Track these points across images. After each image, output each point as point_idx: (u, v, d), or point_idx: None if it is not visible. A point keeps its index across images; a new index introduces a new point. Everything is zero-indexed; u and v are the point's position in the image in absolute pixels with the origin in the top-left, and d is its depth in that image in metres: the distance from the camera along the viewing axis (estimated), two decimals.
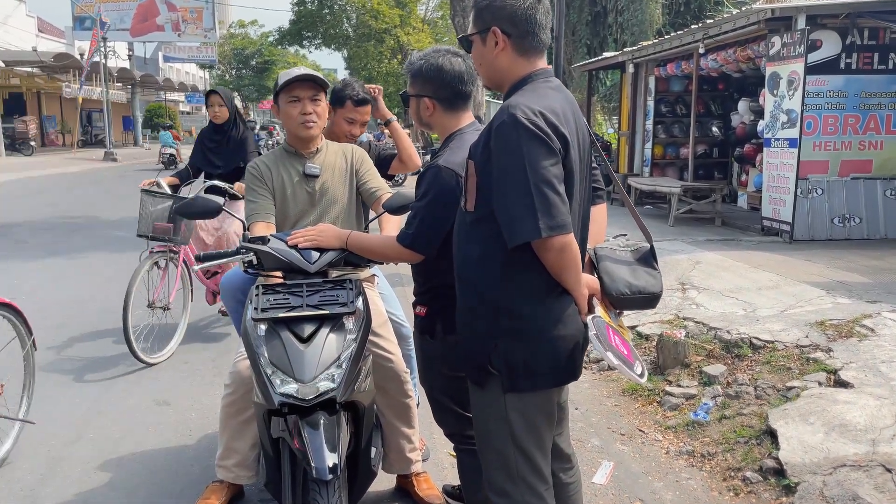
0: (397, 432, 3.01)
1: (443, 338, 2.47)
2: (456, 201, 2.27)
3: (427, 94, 2.44)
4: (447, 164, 2.35)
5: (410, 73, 2.49)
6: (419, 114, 2.50)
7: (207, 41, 42.00)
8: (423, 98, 2.45)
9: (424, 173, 2.41)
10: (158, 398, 4.28)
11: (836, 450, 3.25)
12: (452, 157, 2.37)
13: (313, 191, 2.99)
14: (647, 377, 2.29)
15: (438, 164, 2.36)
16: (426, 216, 2.33)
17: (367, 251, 2.52)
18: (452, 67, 2.42)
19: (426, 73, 2.43)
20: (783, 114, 8.45)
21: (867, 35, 8.17)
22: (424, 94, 2.45)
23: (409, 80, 2.52)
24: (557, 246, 1.89)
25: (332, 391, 2.26)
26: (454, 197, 2.29)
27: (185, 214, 2.60)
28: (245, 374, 2.78)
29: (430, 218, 2.33)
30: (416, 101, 2.49)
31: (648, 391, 4.42)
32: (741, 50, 9.69)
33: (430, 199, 2.33)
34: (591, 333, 1.96)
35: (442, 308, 2.46)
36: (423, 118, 2.50)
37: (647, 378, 4.55)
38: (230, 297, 3.20)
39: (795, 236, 8.37)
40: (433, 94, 2.43)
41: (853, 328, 4.67)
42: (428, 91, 2.44)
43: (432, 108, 2.46)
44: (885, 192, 8.49)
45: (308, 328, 2.33)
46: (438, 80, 2.42)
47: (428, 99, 2.44)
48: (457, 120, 2.49)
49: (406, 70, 2.55)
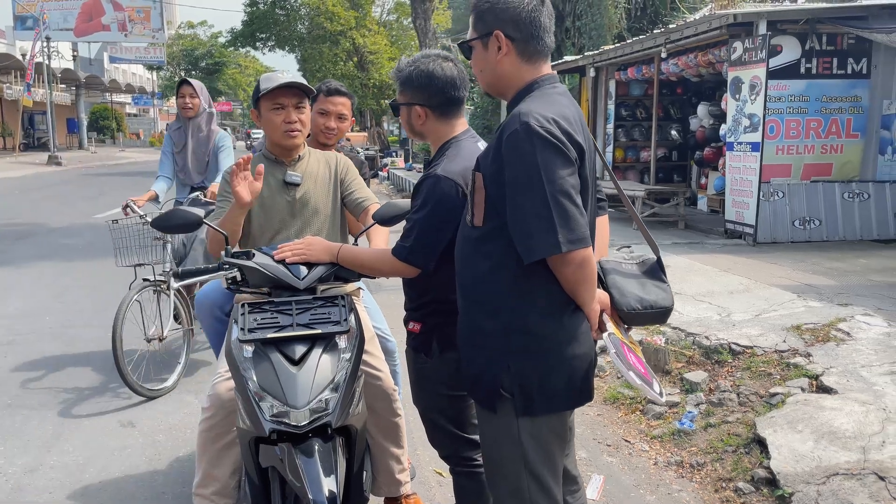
0: (386, 453, 2.87)
1: (439, 356, 2.34)
2: (456, 212, 2.15)
3: (419, 101, 2.33)
4: (446, 173, 2.23)
5: (399, 80, 2.37)
6: (410, 123, 2.38)
7: (155, 42, 41.02)
8: (415, 106, 2.33)
9: (422, 183, 2.28)
10: (123, 420, 4.04)
11: (828, 458, 3.23)
12: (451, 167, 2.25)
13: (293, 200, 2.82)
14: (665, 396, 2.20)
15: (437, 174, 2.23)
16: (425, 228, 2.20)
17: (360, 265, 2.38)
18: (444, 73, 2.31)
19: (417, 79, 2.31)
20: (745, 118, 8.55)
21: (825, 40, 8.32)
22: (416, 102, 2.33)
23: (399, 87, 2.39)
24: (578, 260, 1.78)
25: (327, 416, 2.11)
26: (454, 208, 2.18)
27: (163, 228, 2.42)
28: (225, 397, 2.60)
29: (428, 230, 2.20)
30: (406, 109, 2.37)
31: (630, 399, 4.37)
32: (702, 55, 9.80)
33: (428, 210, 2.21)
34: (612, 352, 1.86)
35: (438, 325, 2.34)
36: (414, 127, 2.38)
37: (629, 386, 4.51)
38: (206, 314, 3.01)
39: (758, 239, 8.48)
40: (425, 101, 2.32)
41: (829, 332, 4.69)
42: (419, 99, 2.32)
43: (424, 117, 2.34)
44: (844, 194, 8.66)
45: (299, 349, 2.17)
46: (430, 86, 2.30)
47: (420, 107, 2.33)
48: (451, 127, 2.38)
49: (394, 77, 2.43)
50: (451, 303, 2.17)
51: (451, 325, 2.18)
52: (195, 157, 4.92)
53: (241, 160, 2.47)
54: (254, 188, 2.51)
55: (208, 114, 4.98)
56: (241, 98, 60.00)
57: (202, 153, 4.91)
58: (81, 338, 5.48)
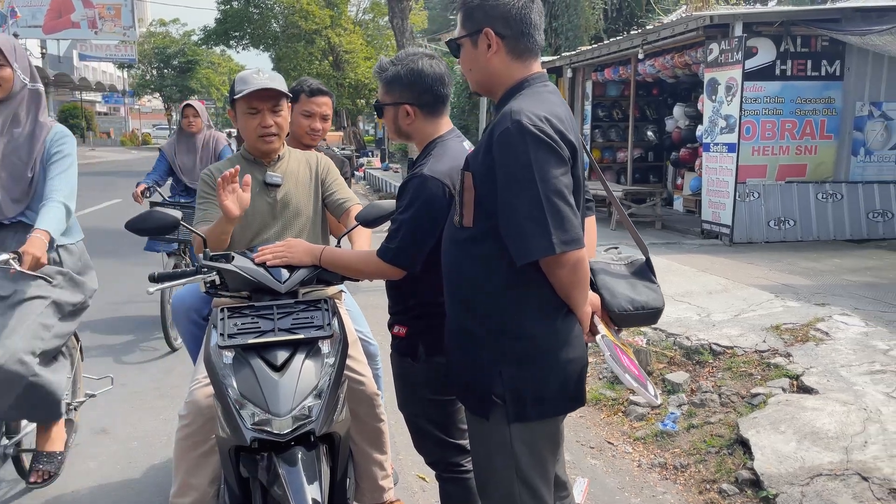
0: (370, 459, 2.80)
1: (426, 360, 2.29)
2: (443, 213, 2.11)
3: (407, 100, 2.28)
4: (433, 172, 2.18)
5: (385, 80, 2.32)
6: (397, 123, 2.33)
7: (126, 39, 40.36)
8: (403, 106, 2.28)
9: (408, 183, 2.23)
10: (95, 426, 3.92)
11: (811, 459, 3.23)
12: (438, 166, 2.20)
13: (274, 201, 2.75)
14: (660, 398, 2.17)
15: (424, 174, 2.19)
16: (411, 229, 2.15)
17: (343, 267, 2.32)
18: (433, 70, 2.28)
19: (406, 78, 2.26)
20: (722, 119, 8.61)
21: (800, 43, 8.41)
22: (404, 102, 2.28)
23: (384, 87, 2.34)
24: (572, 262, 1.74)
25: (310, 424, 2.05)
26: (441, 208, 2.13)
27: (139, 231, 2.33)
28: (203, 404, 2.52)
29: (415, 231, 2.16)
30: (394, 109, 2.31)
31: (612, 400, 4.35)
32: (678, 56, 9.86)
33: (415, 211, 2.16)
34: (607, 355, 1.82)
35: (425, 328, 2.29)
36: (401, 127, 2.33)
37: (611, 387, 4.50)
38: (183, 318, 2.92)
39: (735, 239, 8.55)
40: (414, 100, 2.27)
41: (808, 332, 4.72)
42: (408, 97, 2.27)
43: (413, 116, 2.29)
44: (818, 195, 8.76)
45: (282, 355, 2.10)
46: (420, 84, 2.26)
47: (409, 106, 2.27)
48: (437, 126, 2.34)
49: (378, 77, 2.37)
50: (438, 305, 2.12)
51: (437, 328, 2.13)
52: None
53: (228, 173, 2.37)
54: (242, 201, 2.41)
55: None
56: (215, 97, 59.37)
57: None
58: None
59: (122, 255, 8.69)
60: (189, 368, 3.24)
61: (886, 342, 4.48)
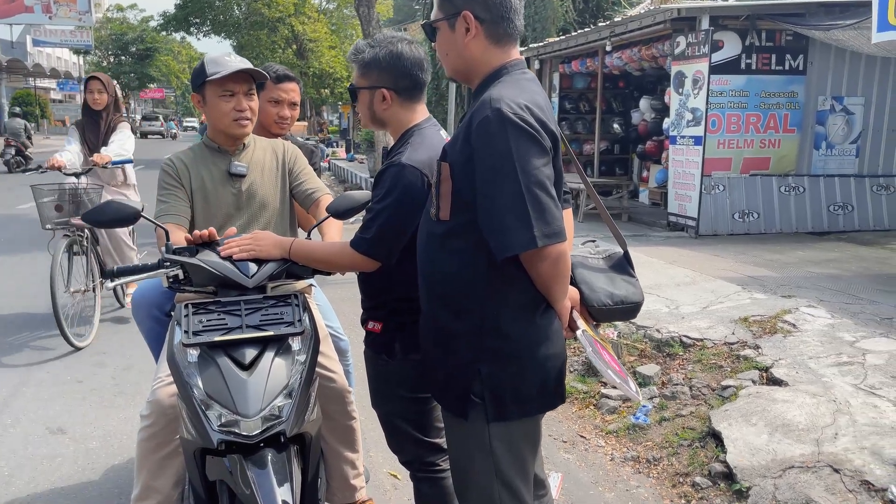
0: (341, 458, 2.73)
1: (402, 357, 2.22)
2: (421, 203, 2.03)
3: (384, 84, 2.18)
4: (411, 161, 2.10)
5: (361, 63, 2.22)
6: (372, 108, 2.23)
7: (82, 25, 39.30)
8: (380, 90, 2.19)
9: (384, 172, 2.14)
10: (51, 425, 3.76)
11: (783, 451, 3.23)
12: (416, 155, 2.12)
13: (239, 192, 2.64)
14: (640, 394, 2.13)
15: (402, 162, 2.10)
16: (389, 219, 2.07)
17: (315, 260, 2.22)
18: (412, 54, 2.20)
19: (384, 61, 2.17)
20: (688, 112, 8.67)
21: (765, 37, 8.49)
22: (381, 86, 2.18)
23: (360, 70, 2.24)
24: (554, 255, 1.68)
25: (280, 425, 1.96)
26: (419, 198, 2.05)
27: (96, 222, 2.20)
28: (166, 404, 2.41)
29: (392, 221, 2.07)
30: (368, 93, 2.22)
31: (584, 394, 4.33)
32: (646, 48, 9.89)
33: (392, 200, 2.07)
34: (588, 350, 1.77)
35: (401, 324, 2.22)
36: (377, 113, 2.24)
37: (583, 381, 4.48)
38: (144, 315, 2.80)
39: (700, 231, 8.62)
40: (392, 84, 2.18)
41: (776, 324, 4.76)
42: (385, 81, 2.18)
43: (390, 101, 2.20)
44: (780, 188, 8.88)
45: (250, 353, 2.01)
46: (398, 68, 2.17)
47: (386, 90, 2.18)
48: (414, 113, 2.26)
49: (353, 60, 2.27)
50: (414, 301, 2.04)
51: (414, 324, 2.06)
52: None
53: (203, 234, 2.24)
54: None
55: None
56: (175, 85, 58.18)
57: None
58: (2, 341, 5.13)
59: None
60: (150, 364, 3.12)
61: (852, 334, 4.53)
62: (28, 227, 9.69)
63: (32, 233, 9.25)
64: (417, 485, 2.39)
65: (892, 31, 5.46)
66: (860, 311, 5.12)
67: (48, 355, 4.80)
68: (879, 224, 9.21)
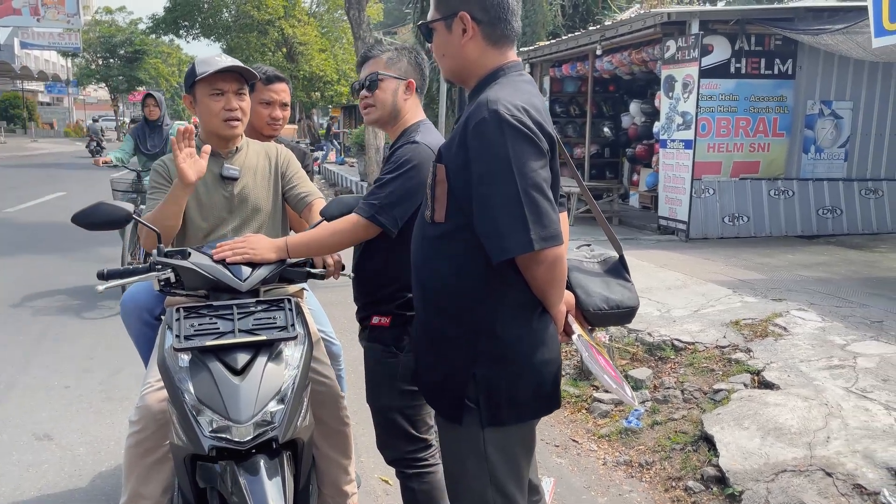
0: (333, 464, 2.69)
1: (410, 350, 2.24)
2: None
3: (411, 76, 2.35)
4: (424, 141, 2.21)
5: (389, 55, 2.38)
6: (395, 97, 2.33)
7: (70, 27, 39.00)
8: (408, 80, 2.34)
9: (398, 149, 2.23)
10: (38, 432, 3.71)
11: (775, 455, 3.23)
12: (427, 138, 2.24)
13: (231, 195, 2.61)
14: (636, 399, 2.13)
15: (416, 140, 2.21)
16: (400, 186, 2.15)
17: (316, 247, 2.24)
18: (426, 62, 2.43)
19: (412, 58, 2.38)
20: (678, 116, 8.70)
21: (754, 41, 8.53)
22: (408, 77, 2.35)
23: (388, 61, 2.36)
24: (550, 259, 1.66)
25: (273, 431, 1.94)
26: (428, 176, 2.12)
27: (86, 225, 2.17)
28: (156, 409, 2.38)
29: (401, 190, 2.15)
30: (395, 82, 2.34)
31: (576, 398, 4.32)
32: (636, 52, 9.92)
33: (405, 171, 2.15)
34: (584, 356, 1.76)
35: (412, 317, 2.24)
36: (397, 103, 2.34)
37: (575, 384, 4.47)
38: (134, 319, 2.76)
39: (691, 235, 8.65)
40: (416, 78, 2.36)
41: (767, 327, 4.76)
42: (411, 74, 2.36)
43: (412, 93, 2.36)
44: (770, 191, 8.92)
45: (242, 358, 1.98)
46: (420, 67, 2.38)
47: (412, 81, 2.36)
48: (420, 110, 2.42)
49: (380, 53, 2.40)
50: None
51: None
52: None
53: (185, 127, 2.25)
54: (199, 167, 2.30)
55: None
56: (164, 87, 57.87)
57: None
58: None
59: (67, 250, 8.36)
60: (138, 370, 3.08)
61: (843, 337, 4.55)
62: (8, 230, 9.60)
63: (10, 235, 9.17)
64: (406, 482, 2.40)
65: (888, 37, 5.49)
66: (850, 315, 5.14)
67: (35, 360, 4.74)
68: (868, 228, 9.27)
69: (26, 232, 9.47)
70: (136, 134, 6.71)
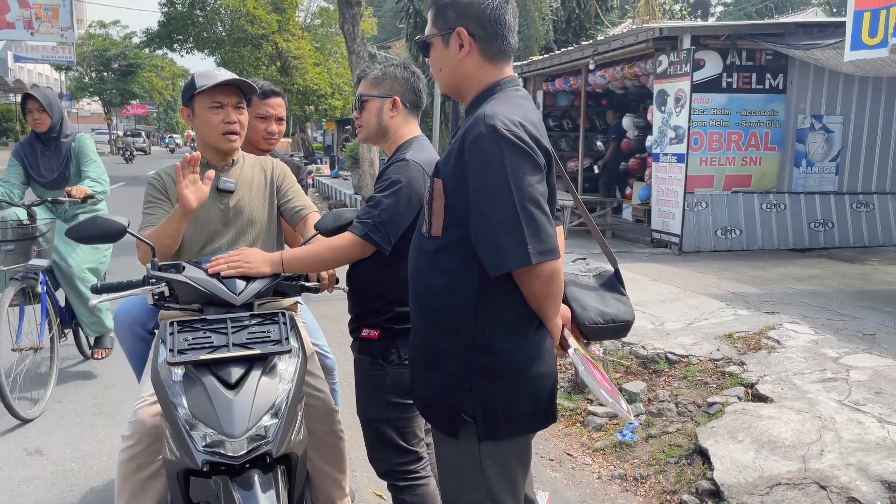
0: (327, 479, 2.68)
1: (399, 363, 2.27)
2: (421, 198, 2.13)
3: (395, 93, 2.37)
4: (414, 158, 2.24)
5: (374, 75, 2.40)
6: (381, 116, 2.37)
7: (64, 41, 38.99)
8: (392, 97, 2.36)
9: (388, 167, 2.26)
10: (29, 447, 3.68)
11: (769, 468, 3.23)
12: (418, 155, 2.27)
13: (226, 208, 2.61)
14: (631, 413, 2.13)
15: (406, 158, 2.23)
16: (390, 206, 2.18)
17: (311, 264, 2.27)
18: (420, 76, 2.44)
19: (398, 73, 2.39)
20: (671, 130, 8.75)
21: (745, 56, 8.61)
22: (393, 94, 2.36)
23: (372, 81, 2.39)
24: (547, 273, 1.67)
25: (267, 445, 1.93)
26: (421, 192, 2.17)
27: (81, 238, 2.17)
28: (149, 424, 2.37)
29: (394, 208, 2.18)
30: (379, 101, 2.38)
31: (570, 411, 4.31)
32: (628, 67, 9.99)
33: (396, 189, 2.18)
34: (581, 370, 1.76)
35: (401, 331, 2.26)
36: (383, 121, 2.37)
37: (569, 398, 4.46)
38: (127, 333, 2.75)
39: (684, 248, 8.67)
40: (401, 95, 2.37)
41: (760, 340, 4.78)
42: (397, 91, 2.38)
43: (399, 109, 2.37)
44: (762, 205, 8.96)
45: (236, 372, 1.98)
46: (409, 82, 2.38)
47: (397, 98, 2.36)
48: (412, 127, 2.43)
49: (364, 74, 2.45)
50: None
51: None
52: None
53: (187, 157, 2.26)
54: (201, 193, 2.30)
55: None
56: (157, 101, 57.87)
57: None
58: None
59: None
60: (131, 384, 3.07)
61: (836, 350, 4.56)
62: None
63: None
64: (397, 495, 2.41)
65: (864, 50, 5.56)
66: (843, 328, 5.16)
67: None
68: (859, 241, 9.32)
69: None
70: (20, 154, 4.50)
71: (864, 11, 5.44)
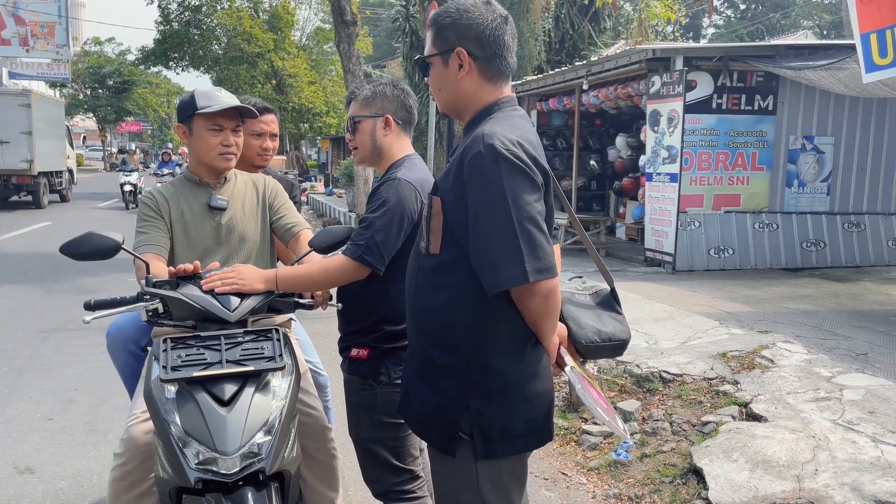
0: (320, 496, 2.66)
1: (388, 383, 2.25)
2: (413, 217, 2.15)
3: (388, 111, 2.37)
4: (406, 178, 2.24)
5: (364, 96, 2.40)
6: (374, 135, 2.38)
7: (59, 58, 39.10)
8: (384, 116, 2.37)
9: (380, 186, 2.25)
10: (19, 465, 3.64)
11: (764, 487, 3.23)
12: (410, 174, 2.27)
13: (219, 225, 2.61)
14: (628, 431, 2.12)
15: (398, 177, 2.23)
16: (383, 227, 2.17)
17: (305, 284, 2.24)
18: (411, 94, 2.44)
19: (389, 91, 2.39)
20: (664, 149, 8.81)
21: (736, 78, 8.70)
22: (385, 113, 2.36)
23: (364, 102, 2.40)
24: (545, 291, 1.67)
25: (260, 463, 1.92)
26: (413, 211, 2.18)
27: (75, 255, 2.16)
28: (141, 441, 2.35)
29: (386, 229, 2.17)
30: (371, 121, 2.37)
31: (565, 430, 4.29)
32: (621, 87, 10.07)
33: (388, 209, 2.18)
34: (577, 388, 1.76)
35: (390, 350, 2.25)
36: (376, 140, 2.37)
37: (564, 416, 4.45)
38: (120, 349, 2.73)
39: (677, 267, 8.70)
40: (393, 113, 2.37)
41: (754, 359, 4.78)
42: (388, 109, 2.38)
43: (392, 128, 2.37)
44: (754, 225, 9.02)
45: (229, 389, 1.97)
46: (401, 100, 2.39)
47: (389, 116, 2.36)
48: (405, 145, 2.43)
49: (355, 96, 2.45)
50: (399, 324, 2.08)
51: (401, 349, 2.08)
52: None
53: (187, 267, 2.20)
54: None
55: None
56: (152, 118, 57.91)
57: None
58: None
59: (51, 281, 8.29)
60: (123, 401, 3.05)
61: (829, 369, 4.57)
62: None
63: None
64: None
65: (879, 71, 5.61)
66: (836, 347, 5.18)
67: (17, 392, 4.67)
68: (851, 261, 9.38)
69: (11, 262, 9.38)
70: None
71: (871, 33, 5.49)
